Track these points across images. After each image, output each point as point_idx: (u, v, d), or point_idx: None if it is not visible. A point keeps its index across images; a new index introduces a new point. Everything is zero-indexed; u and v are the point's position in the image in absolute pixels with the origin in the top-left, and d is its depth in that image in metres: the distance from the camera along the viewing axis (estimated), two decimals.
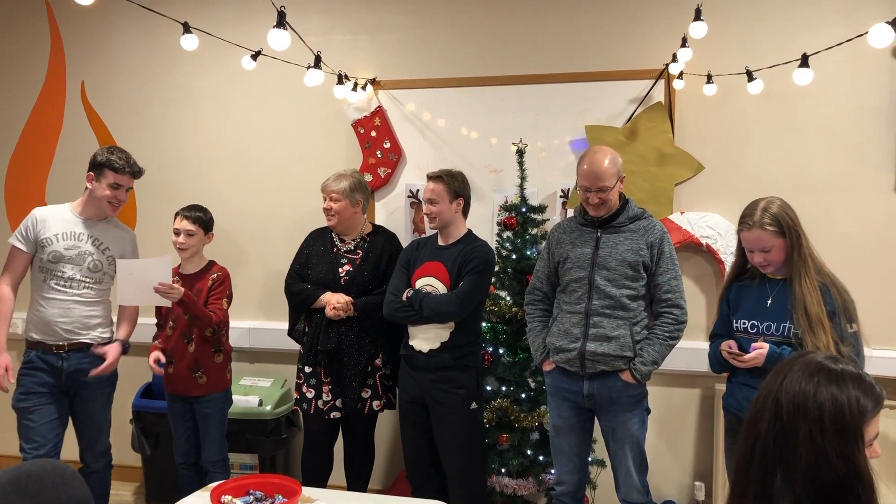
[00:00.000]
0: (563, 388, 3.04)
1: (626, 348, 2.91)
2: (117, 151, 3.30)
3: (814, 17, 3.51)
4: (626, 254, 2.92)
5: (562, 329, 3.01)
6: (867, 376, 1.41)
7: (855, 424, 1.35)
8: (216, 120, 4.29)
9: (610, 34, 3.76)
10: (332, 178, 3.52)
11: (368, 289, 3.48)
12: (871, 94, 3.48)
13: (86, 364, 3.30)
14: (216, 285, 3.49)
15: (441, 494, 3.32)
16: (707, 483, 3.74)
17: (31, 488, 1.97)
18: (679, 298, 2.94)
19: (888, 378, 3.38)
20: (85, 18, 4.36)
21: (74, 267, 3.26)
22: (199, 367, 3.44)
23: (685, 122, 3.70)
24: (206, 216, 3.53)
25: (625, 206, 3.00)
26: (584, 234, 3.03)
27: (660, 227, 2.98)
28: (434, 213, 3.30)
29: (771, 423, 1.40)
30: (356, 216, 3.55)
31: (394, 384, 3.57)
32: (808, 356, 1.46)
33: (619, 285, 2.92)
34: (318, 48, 3.37)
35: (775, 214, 2.62)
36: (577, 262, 2.99)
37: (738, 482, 1.45)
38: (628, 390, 2.94)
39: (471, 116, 3.94)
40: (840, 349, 2.53)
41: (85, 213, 3.33)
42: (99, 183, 3.26)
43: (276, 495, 2.42)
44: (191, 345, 3.45)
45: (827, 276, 2.65)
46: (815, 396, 1.37)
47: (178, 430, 3.58)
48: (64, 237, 3.26)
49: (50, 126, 4.46)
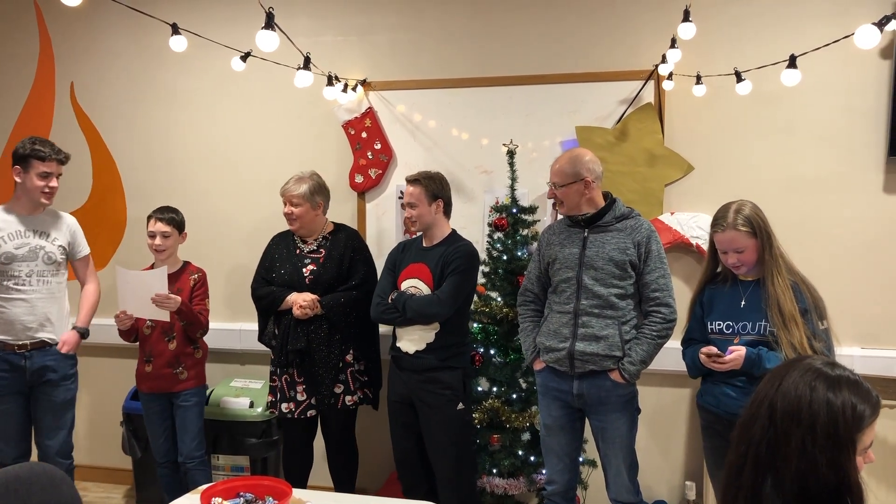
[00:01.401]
0: (553, 387, 3.05)
1: (615, 348, 2.92)
2: (39, 141, 3.32)
3: (802, 18, 3.52)
4: (613, 253, 2.93)
5: (551, 329, 3.02)
6: (864, 382, 1.41)
7: (848, 434, 1.35)
8: (205, 121, 4.27)
9: (599, 35, 3.77)
10: (292, 181, 3.53)
11: (334, 286, 3.50)
12: (859, 95, 3.49)
13: (49, 361, 3.32)
14: (198, 286, 3.59)
15: (432, 495, 3.33)
16: (698, 483, 3.75)
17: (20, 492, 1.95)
18: (667, 297, 2.94)
19: (879, 377, 3.40)
20: (74, 19, 4.34)
21: (30, 263, 3.27)
22: (181, 364, 3.53)
23: (675, 123, 3.71)
24: (179, 216, 3.60)
25: (611, 205, 3.02)
26: (571, 234, 3.05)
27: (647, 226, 2.99)
28: (414, 217, 3.33)
29: (765, 428, 1.40)
30: (317, 218, 3.58)
31: (370, 380, 3.61)
32: (805, 361, 1.45)
33: (606, 284, 2.93)
34: (307, 49, 3.36)
35: (748, 216, 2.69)
36: (565, 262, 3.01)
37: (730, 485, 1.45)
38: (618, 390, 2.95)
39: (461, 117, 3.94)
40: (813, 345, 2.59)
41: (21, 209, 3.34)
42: (28, 175, 3.27)
43: (267, 497, 2.42)
44: (172, 343, 3.52)
45: (797, 276, 2.72)
46: (810, 403, 1.36)
47: (156, 429, 3.61)
48: (10, 237, 3.27)
49: (39, 127, 4.43)
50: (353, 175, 4.06)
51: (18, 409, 3.31)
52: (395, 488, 3.58)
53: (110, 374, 4.33)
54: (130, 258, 4.34)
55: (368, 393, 3.63)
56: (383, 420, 3.56)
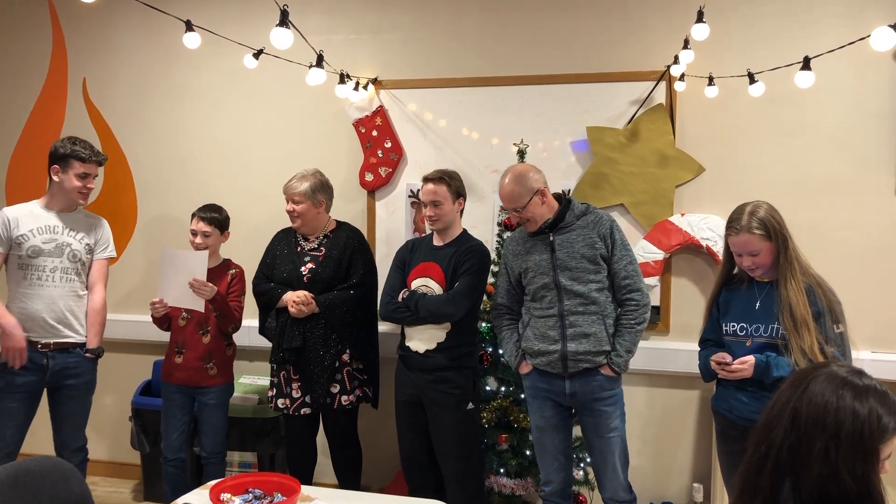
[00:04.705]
0: (543, 388, 3.08)
1: (604, 342, 2.96)
2: (80, 141, 3.32)
3: (816, 20, 3.50)
4: (583, 250, 2.97)
5: (538, 333, 3.04)
6: (890, 394, 1.40)
7: (872, 443, 1.34)
8: (217, 118, 4.29)
9: (612, 35, 3.76)
10: (295, 179, 3.52)
11: (332, 285, 3.48)
12: (872, 98, 3.48)
13: (72, 362, 3.31)
14: (235, 282, 3.61)
15: (439, 494, 3.32)
16: (706, 485, 3.74)
17: (31, 485, 1.97)
18: (638, 282, 2.99)
19: (889, 382, 3.35)
20: (87, 16, 4.36)
21: (55, 259, 3.27)
22: (212, 359, 3.53)
23: (686, 124, 3.70)
24: (222, 216, 3.60)
25: (568, 206, 3.05)
26: (536, 242, 3.07)
27: (607, 218, 3.04)
28: (438, 216, 3.30)
29: (787, 431, 1.39)
30: (319, 216, 3.57)
31: (368, 379, 3.59)
32: (830, 368, 1.45)
33: (584, 281, 2.97)
34: (319, 47, 3.36)
35: (762, 218, 2.64)
36: (538, 269, 3.04)
37: (747, 487, 1.45)
38: (609, 384, 3.00)
39: (472, 117, 3.94)
40: (824, 350, 2.55)
41: (54, 206, 3.34)
42: (66, 175, 3.27)
43: (275, 493, 2.43)
44: (206, 336, 3.53)
45: (812, 278, 2.66)
46: (836, 411, 1.36)
47: (173, 423, 3.59)
48: (39, 231, 3.27)
49: (51, 123, 4.47)
50: (363, 173, 4.06)
51: (23, 410, 3.25)
52: (402, 487, 3.58)
53: (120, 370, 4.34)
54: (141, 255, 4.36)
55: (368, 391, 3.61)
56: (389, 418, 3.56)
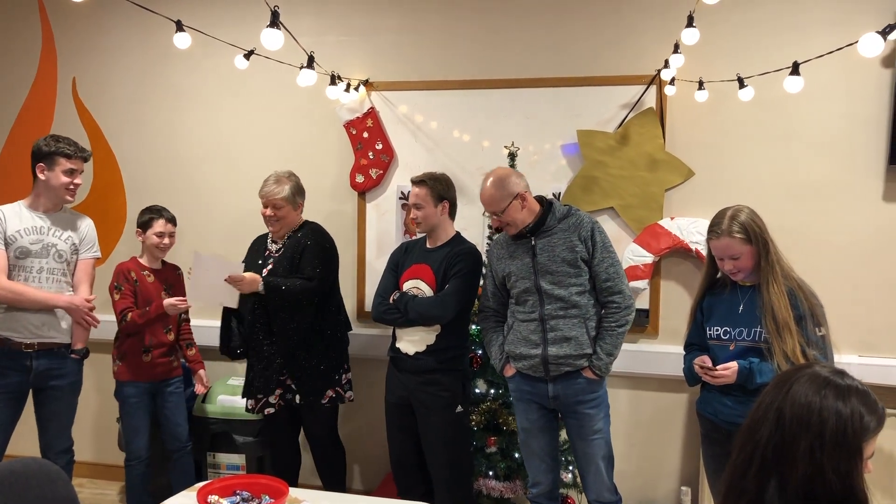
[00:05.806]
0: (528, 391, 3.09)
1: (585, 346, 2.96)
2: (63, 139, 3.29)
3: (805, 26, 3.53)
4: (564, 254, 2.97)
5: (520, 336, 3.05)
6: (872, 393, 1.42)
7: (856, 442, 1.36)
8: (208, 119, 4.27)
9: (602, 40, 3.77)
10: (272, 183, 3.47)
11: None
12: (860, 103, 3.50)
13: (56, 364, 3.29)
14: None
15: (428, 497, 3.32)
16: (693, 488, 3.75)
17: (17, 487, 1.95)
18: (620, 283, 2.99)
19: (876, 386, 3.37)
20: (76, 15, 4.34)
21: (42, 260, 3.25)
22: (173, 353, 3.65)
23: (676, 128, 3.71)
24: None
25: (549, 208, 3.05)
26: (519, 245, 3.08)
27: (588, 220, 3.03)
28: (419, 218, 3.32)
29: (772, 431, 1.41)
30: (297, 217, 3.58)
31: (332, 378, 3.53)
32: (813, 369, 1.46)
33: (564, 285, 2.97)
34: (311, 49, 3.36)
35: (743, 223, 2.65)
36: (520, 273, 3.04)
37: (732, 489, 1.45)
38: (592, 386, 3.00)
39: (463, 119, 3.95)
40: (806, 353, 2.57)
41: (40, 206, 3.31)
42: (53, 172, 3.24)
43: (263, 496, 2.42)
44: (170, 333, 3.61)
45: (794, 281, 2.68)
46: (820, 411, 1.38)
47: (139, 424, 3.58)
48: (27, 232, 3.25)
49: (40, 122, 4.44)
50: (353, 175, 4.06)
51: (7, 412, 3.22)
52: (391, 489, 3.58)
53: (106, 371, 4.31)
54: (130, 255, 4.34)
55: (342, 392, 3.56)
56: (379, 420, 3.55)
